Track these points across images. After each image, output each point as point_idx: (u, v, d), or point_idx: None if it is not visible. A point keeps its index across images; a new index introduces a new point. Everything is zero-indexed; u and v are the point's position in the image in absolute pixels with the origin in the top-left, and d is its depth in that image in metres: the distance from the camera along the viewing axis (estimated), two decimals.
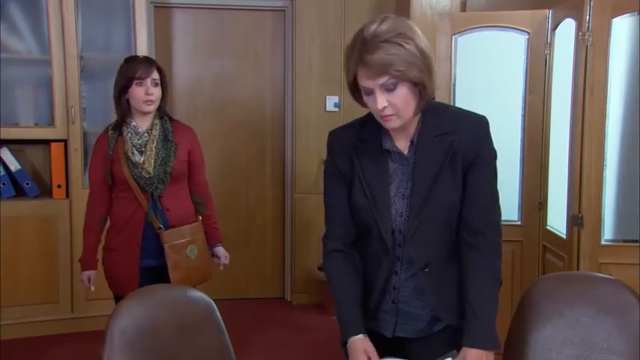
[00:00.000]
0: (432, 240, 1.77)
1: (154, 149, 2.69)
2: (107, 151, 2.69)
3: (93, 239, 2.78)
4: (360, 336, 1.79)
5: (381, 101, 1.66)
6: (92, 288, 2.81)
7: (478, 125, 1.75)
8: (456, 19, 3.58)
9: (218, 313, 1.99)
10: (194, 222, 2.83)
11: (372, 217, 1.77)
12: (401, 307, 1.85)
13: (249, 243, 4.92)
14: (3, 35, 3.98)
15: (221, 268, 3.01)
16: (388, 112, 1.67)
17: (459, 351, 1.77)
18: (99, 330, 1.89)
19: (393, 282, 1.83)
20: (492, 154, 1.76)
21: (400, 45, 1.62)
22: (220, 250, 2.99)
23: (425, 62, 1.65)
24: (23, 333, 3.97)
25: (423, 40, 1.67)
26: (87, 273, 2.79)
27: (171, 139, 2.73)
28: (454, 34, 3.50)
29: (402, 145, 1.78)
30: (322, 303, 4.64)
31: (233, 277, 4.83)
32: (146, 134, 2.71)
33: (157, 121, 2.75)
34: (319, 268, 4.59)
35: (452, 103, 3.51)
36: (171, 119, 2.81)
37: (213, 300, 2.01)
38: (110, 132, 2.73)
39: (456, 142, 1.72)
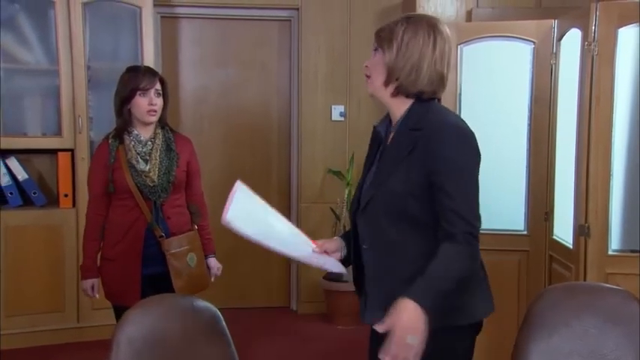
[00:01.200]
0: (374, 223, 1.86)
1: (158, 158, 2.72)
2: (108, 159, 2.70)
3: (94, 247, 2.78)
4: None
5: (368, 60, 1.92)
6: (97, 296, 2.81)
7: (442, 128, 1.77)
8: (462, 29, 3.58)
9: (224, 323, 2.00)
10: (191, 230, 2.86)
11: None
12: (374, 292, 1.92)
13: (255, 252, 4.84)
14: (11, 46, 4.01)
15: (212, 279, 2.99)
16: (365, 71, 1.91)
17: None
18: (105, 339, 1.90)
19: (363, 258, 1.94)
20: (451, 167, 1.74)
21: (401, 25, 1.83)
22: (212, 261, 2.98)
23: (408, 55, 1.81)
24: (29, 342, 3.97)
25: (426, 44, 1.80)
26: (90, 281, 2.78)
27: (173, 148, 2.76)
28: (460, 44, 3.51)
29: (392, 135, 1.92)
30: (328, 312, 4.62)
31: (238, 286, 4.83)
32: (150, 143, 2.73)
33: (159, 131, 2.77)
34: (325, 277, 4.59)
35: (457, 113, 3.49)
36: (171, 129, 2.83)
37: (218, 309, 2.02)
38: (111, 140, 2.74)
39: (419, 138, 1.79)
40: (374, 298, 1.91)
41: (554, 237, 3.34)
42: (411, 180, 1.78)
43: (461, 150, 1.75)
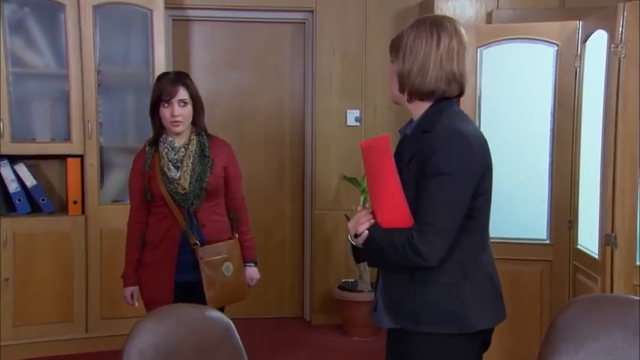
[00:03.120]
0: None
1: (190, 164, 2.73)
2: (144, 167, 2.76)
3: (134, 255, 2.82)
4: None
5: None
6: (136, 304, 2.84)
7: (444, 133, 1.84)
8: (482, 31, 3.57)
9: (237, 334, 2.00)
10: (230, 239, 2.86)
11: None
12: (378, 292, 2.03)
13: (267, 260, 4.90)
14: (21, 50, 4.03)
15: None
16: (388, 83, 2.03)
17: None
18: (114, 350, 1.90)
19: None
20: (438, 167, 1.80)
21: (407, 30, 1.93)
22: (250, 270, 2.97)
23: (413, 58, 1.89)
24: (36, 353, 3.97)
25: (429, 44, 1.88)
26: (130, 289, 2.83)
27: (207, 154, 2.77)
28: (479, 47, 3.50)
29: None
30: (342, 323, 4.60)
31: (251, 296, 4.72)
32: (183, 149, 2.75)
33: (194, 137, 2.79)
34: (339, 287, 4.57)
35: (476, 118, 3.51)
36: (207, 134, 2.84)
37: (231, 319, 2.02)
38: (147, 148, 2.79)
39: (424, 139, 1.87)
40: (381, 302, 2.00)
41: (579, 246, 3.30)
42: (413, 187, 1.85)
43: (454, 155, 1.80)
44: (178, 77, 2.78)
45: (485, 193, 1.91)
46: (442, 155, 1.80)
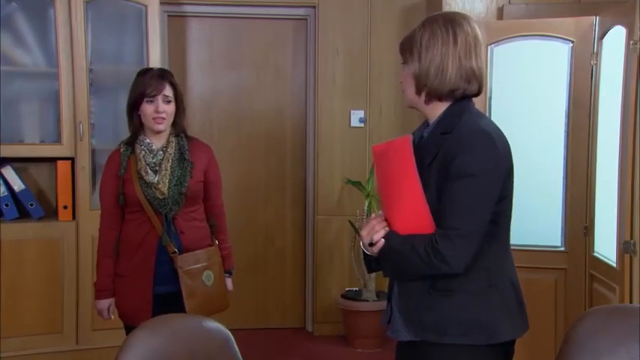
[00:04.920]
0: None
1: (169, 168, 2.70)
2: (119, 170, 2.71)
3: (108, 264, 2.77)
4: None
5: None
6: (112, 317, 2.81)
7: (468, 134, 1.84)
8: (492, 28, 3.58)
9: (235, 345, 1.99)
10: (210, 246, 2.83)
11: None
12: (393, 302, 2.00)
13: (268, 268, 4.91)
14: (8, 47, 4.01)
15: None
16: (401, 87, 2.02)
17: None
18: None
19: None
20: (461, 169, 1.80)
21: (419, 30, 1.93)
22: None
23: (430, 58, 1.88)
24: None
25: (446, 42, 1.88)
26: (107, 302, 2.78)
27: (187, 157, 2.74)
28: (490, 44, 3.51)
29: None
30: (346, 334, 4.59)
31: (250, 306, 4.83)
32: (161, 152, 2.72)
33: (173, 139, 2.76)
34: (343, 296, 4.56)
35: (487, 114, 3.49)
36: (187, 136, 2.81)
37: (229, 330, 2.01)
38: (122, 148, 2.74)
39: (445, 141, 1.86)
40: (398, 313, 1.97)
41: (595, 254, 3.29)
42: (431, 184, 1.85)
43: (479, 156, 1.80)
44: (164, 73, 2.77)
45: (508, 196, 1.91)
46: (466, 156, 1.80)
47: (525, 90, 3.48)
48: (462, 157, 1.79)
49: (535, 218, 3.47)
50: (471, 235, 1.80)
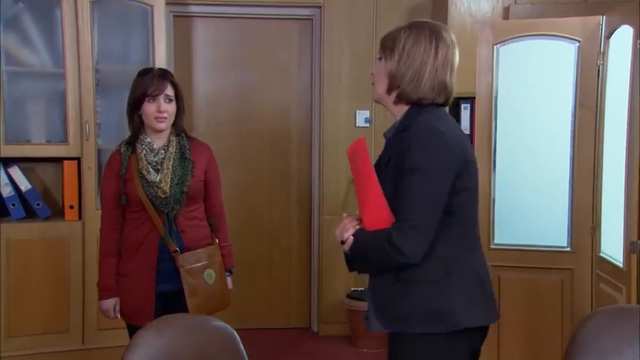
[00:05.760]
0: None
1: (170, 167, 2.72)
2: (120, 170, 2.72)
3: (110, 263, 2.78)
4: None
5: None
6: (118, 316, 2.81)
7: (420, 131, 1.96)
8: (498, 28, 3.57)
9: (241, 345, 1.99)
10: (210, 244, 2.85)
11: None
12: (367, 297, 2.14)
13: (273, 268, 4.91)
14: (15, 47, 4.03)
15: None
16: (371, 79, 2.14)
17: None
18: None
19: None
20: (412, 163, 1.91)
21: (404, 32, 2.03)
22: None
23: (409, 62, 1.99)
24: None
25: (428, 51, 1.99)
26: (112, 301, 2.78)
27: (188, 156, 2.76)
28: (496, 44, 3.50)
29: None
30: (351, 334, 4.59)
31: (255, 306, 4.84)
32: (162, 151, 2.74)
33: (174, 138, 2.78)
34: (348, 296, 4.56)
35: (492, 120, 3.52)
36: (187, 136, 2.84)
37: (235, 329, 2.02)
38: (123, 149, 2.76)
39: (403, 139, 1.98)
40: (371, 307, 2.09)
41: (602, 254, 3.28)
42: (392, 185, 1.96)
43: (427, 151, 1.91)
44: (165, 73, 2.79)
45: (468, 189, 1.99)
46: (416, 151, 1.91)
47: (531, 90, 3.47)
48: (413, 152, 1.91)
49: (541, 218, 3.46)
50: (423, 227, 1.89)
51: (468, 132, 4.04)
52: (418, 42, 2.00)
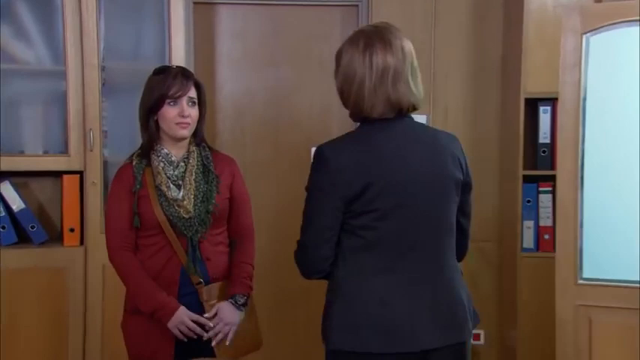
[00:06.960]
0: None
1: (193, 182, 2.71)
2: (134, 185, 2.69)
3: (148, 283, 2.67)
4: None
5: None
6: (211, 324, 2.71)
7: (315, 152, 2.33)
8: (588, 13, 3.44)
9: None
10: None
11: None
12: None
13: (310, 300, 4.70)
14: (8, 41, 4.00)
15: (213, 344, 2.75)
16: None
17: None
18: None
19: None
20: (307, 183, 2.35)
21: (345, 45, 2.35)
22: (229, 308, 2.78)
23: (349, 82, 2.30)
24: None
25: (362, 68, 2.25)
26: (181, 311, 2.65)
27: (212, 169, 2.76)
28: (585, 33, 3.40)
29: None
30: None
31: (289, 343, 4.76)
32: (182, 164, 2.73)
33: (194, 149, 2.77)
34: None
35: (580, 125, 3.41)
36: (209, 146, 2.85)
37: None
38: (136, 161, 2.74)
39: None
40: None
41: None
42: None
43: (312, 172, 2.31)
44: (188, 73, 2.78)
45: (376, 210, 2.19)
46: (310, 172, 2.30)
47: (629, 88, 3.33)
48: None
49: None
50: (308, 245, 2.30)
51: (547, 140, 4.12)
52: (352, 60, 2.25)
